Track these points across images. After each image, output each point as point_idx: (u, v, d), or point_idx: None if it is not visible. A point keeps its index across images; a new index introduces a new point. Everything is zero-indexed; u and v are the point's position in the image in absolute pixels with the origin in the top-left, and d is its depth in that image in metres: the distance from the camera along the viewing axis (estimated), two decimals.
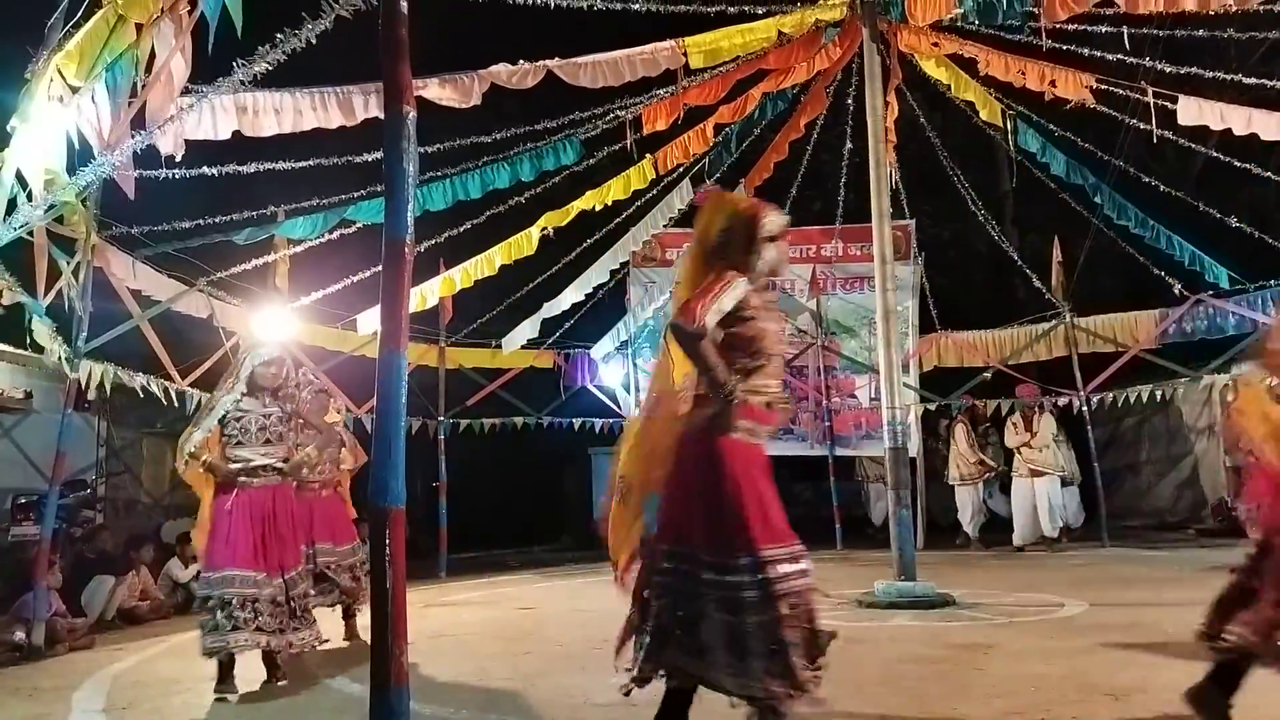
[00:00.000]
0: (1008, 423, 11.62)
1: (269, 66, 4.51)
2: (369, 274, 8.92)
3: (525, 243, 9.49)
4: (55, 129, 4.64)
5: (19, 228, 5.44)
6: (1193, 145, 9.03)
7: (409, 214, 2.69)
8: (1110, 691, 3.75)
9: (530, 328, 11.48)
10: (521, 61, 6.97)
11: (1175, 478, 13.47)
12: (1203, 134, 8.62)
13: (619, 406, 13.15)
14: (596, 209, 9.50)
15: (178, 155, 5.52)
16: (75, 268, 6.86)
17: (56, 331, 6.93)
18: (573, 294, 11.11)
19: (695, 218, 3.20)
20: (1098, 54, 7.88)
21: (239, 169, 6.58)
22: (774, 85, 8.80)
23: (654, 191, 10.02)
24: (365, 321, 10.24)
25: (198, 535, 5.17)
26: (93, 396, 9.11)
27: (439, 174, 8.11)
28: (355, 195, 8.14)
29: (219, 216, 7.90)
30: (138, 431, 10.74)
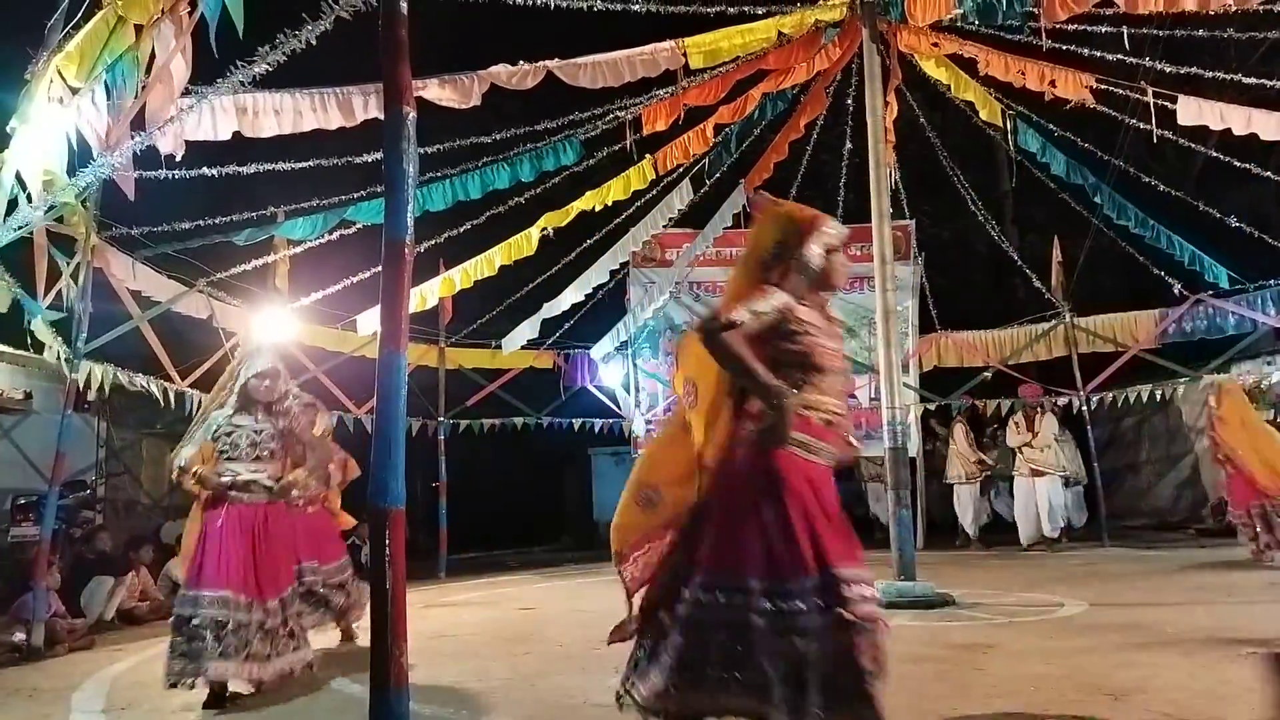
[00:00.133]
0: (1009, 422, 11.62)
1: (269, 67, 4.51)
2: (369, 274, 8.93)
3: (525, 243, 9.50)
4: (55, 130, 4.64)
5: (18, 228, 5.44)
6: (1192, 145, 9.03)
7: (409, 214, 2.69)
8: (1110, 691, 3.74)
9: (530, 328, 11.48)
10: (521, 62, 6.98)
11: (1175, 477, 13.47)
12: (1202, 134, 8.62)
13: (619, 407, 13.16)
14: (596, 209, 9.51)
15: (178, 155, 5.53)
16: (75, 268, 6.86)
17: (56, 332, 6.94)
18: (572, 294, 11.11)
19: (750, 227, 3.00)
20: (1097, 54, 7.88)
21: (239, 170, 6.58)
22: (774, 85, 8.80)
23: (654, 192, 10.02)
24: (365, 322, 10.25)
25: (187, 540, 4.88)
26: (92, 397, 9.12)
27: (439, 174, 8.12)
28: (355, 196, 8.15)
29: (219, 217, 7.90)
30: (137, 432, 10.75)
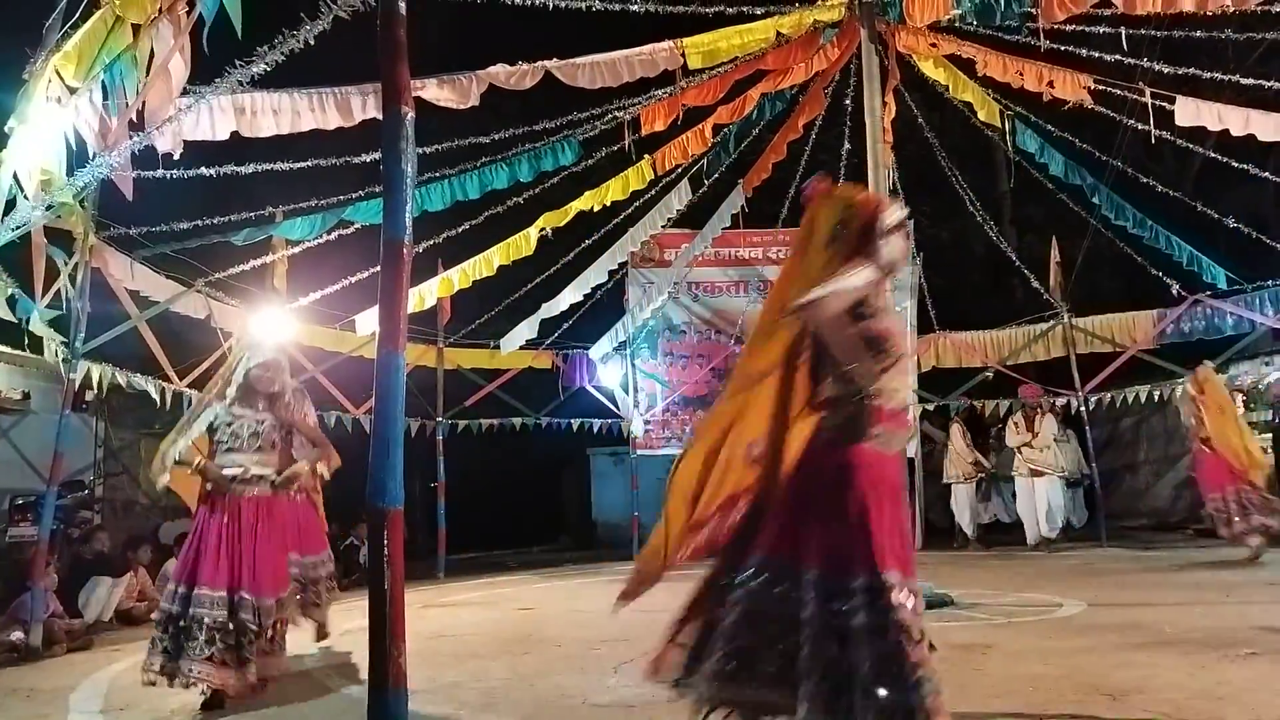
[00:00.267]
0: (1008, 422, 11.63)
1: (267, 67, 4.51)
2: (367, 274, 8.92)
3: (523, 243, 9.50)
4: (53, 130, 4.64)
5: (16, 228, 5.44)
6: (1190, 146, 9.04)
7: (407, 215, 2.69)
8: (1108, 691, 3.75)
9: (528, 328, 11.48)
10: (520, 62, 6.97)
11: (1173, 478, 13.47)
12: (1200, 134, 8.62)
13: (617, 407, 13.15)
14: (595, 210, 9.51)
15: (176, 154, 5.52)
16: (73, 268, 6.86)
17: (55, 331, 6.93)
18: (571, 295, 11.11)
19: (804, 212, 2.84)
20: (1095, 54, 7.88)
21: (237, 170, 6.58)
22: (772, 86, 8.79)
23: (652, 192, 10.02)
24: (364, 322, 10.24)
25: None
26: (90, 397, 9.11)
27: (437, 175, 8.11)
28: (353, 196, 8.14)
29: (217, 217, 7.89)
30: (135, 432, 10.73)
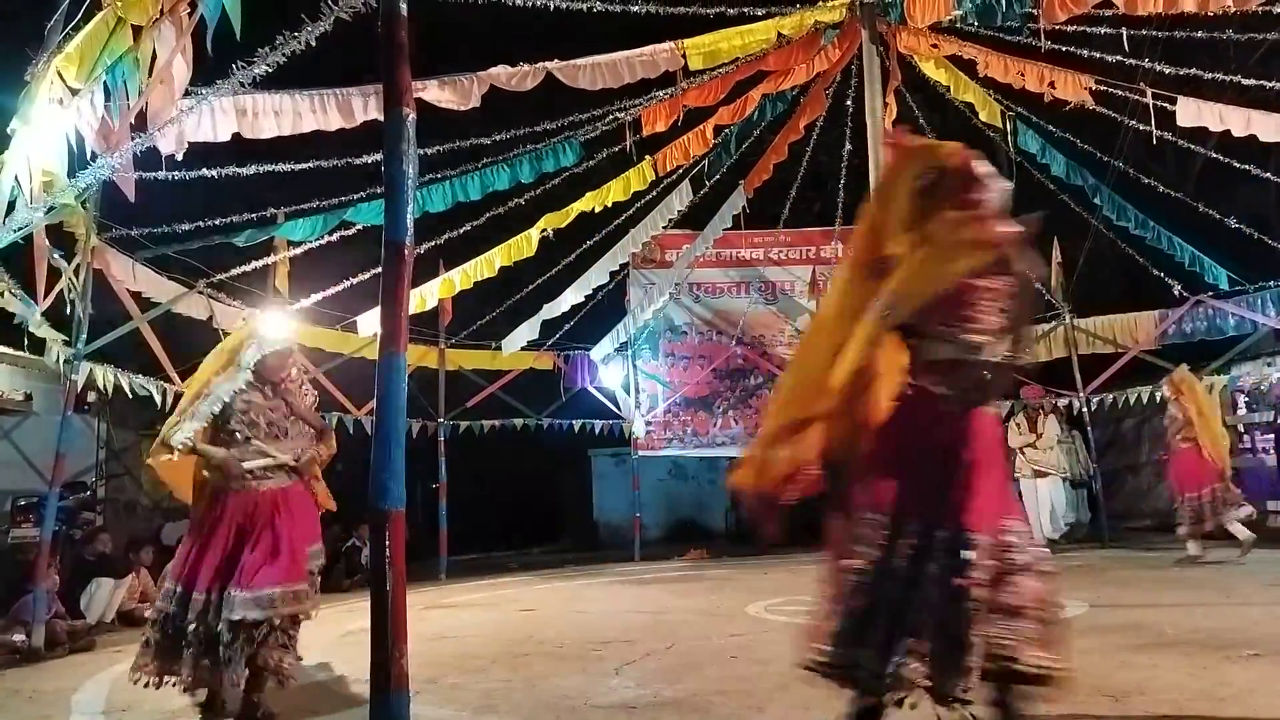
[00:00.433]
0: (1010, 423, 11.62)
1: (269, 69, 4.52)
2: (369, 276, 8.93)
3: (525, 244, 9.51)
4: (55, 131, 4.64)
5: (18, 230, 5.44)
6: (1192, 146, 9.03)
7: (409, 216, 2.70)
8: (1110, 692, 3.74)
9: (530, 329, 11.49)
10: (521, 63, 6.98)
11: None
12: (1202, 135, 8.62)
13: (618, 408, 13.15)
14: (596, 210, 9.51)
15: (179, 155, 5.53)
16: (75, 270, 6.86)
17: (57, 333, 6.94)
18: (572, 296, 11.11)
19: (886, 163, 2.77)
20: (1097, 55, 7.89)
21: (239, 171, 6.59)
22: (773, 87, 8.81)
23: (654, 193, 10.03)
24: (365, 323, 10.25)
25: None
26: (93, 399, 9.12)
27: (438, 176, 8.12)
28: (355, 197, 8.15)
29: (219, 218, 7.90)
30: (138, 433, 10.74)
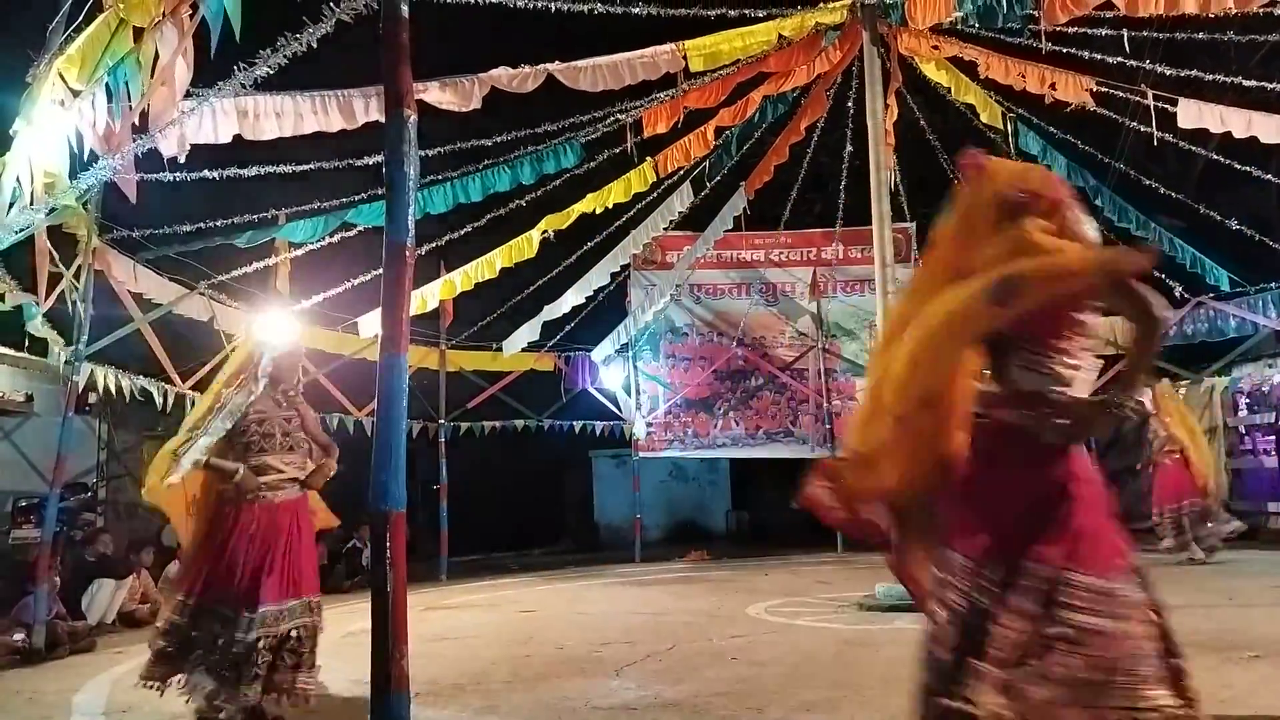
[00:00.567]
0: None
1: (270, 70, 4.52)
2: (370, 277, 8.94)
3: (526, 246, 9.51)
4: (57, 132, 4.65)
5: (20, 231, 5.45)
6: (1193, 148, 9.03)
7: (410, 217, 2.70)
8: None
9: (531, 330, 11.49)
10: (522, 65, 6.99)
11: None
12: (1203, 137, 8.62)
13: (619, 409, 13.15)
14: (597, 212, 9.52)
15: (181, 156, 5.54)
16: (76, 271, 6.87)
17: (58, 334, 6.94)
18: (573, 297, 11.12)
19: (963, 185, 2.66)
20: (1098, 57, 7.89)
21: (240, 172, 6.59)
22: (774, 88, 8.81)
23: (654, 194, 10.03)
24: (366, 324, 10.25)
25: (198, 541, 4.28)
26: (93, 400, 9.12)
27: (440, 177, 8.12)
28: (356, 198, 8.16)
29: (220, 220, 7.90)
30: (138, 435, 10.74)
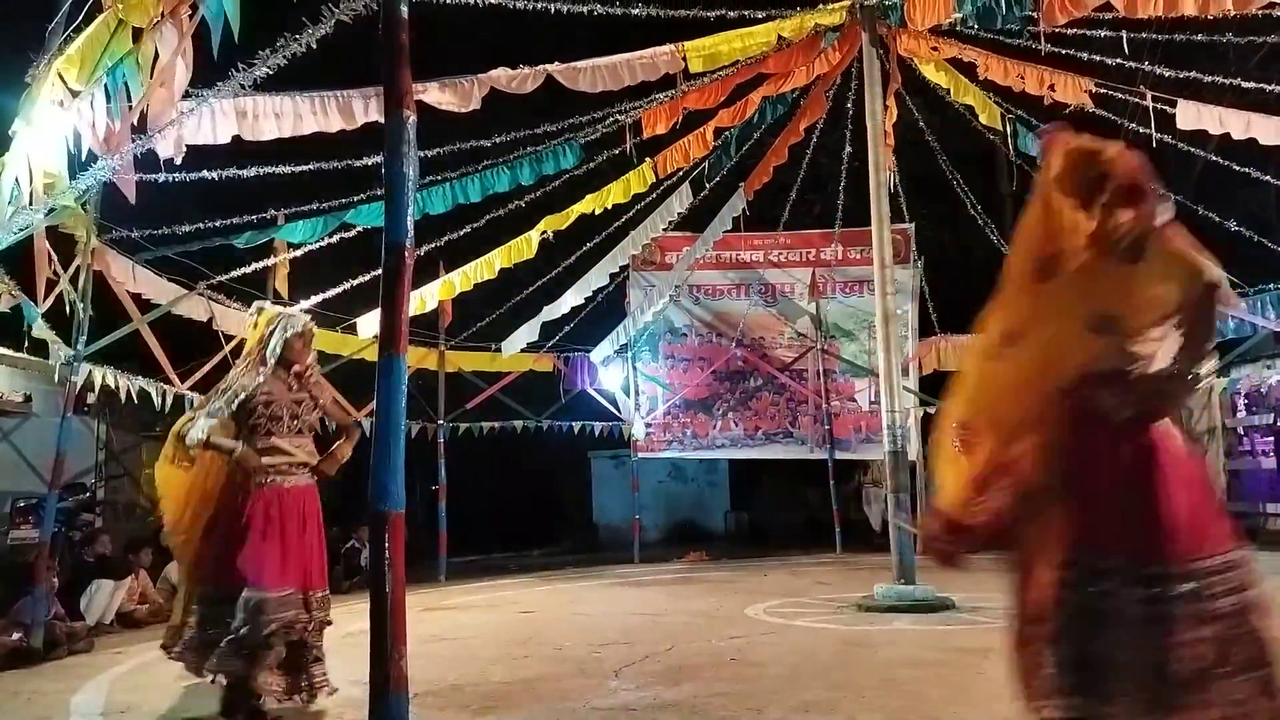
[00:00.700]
0: None
1: (269, 71, 4.52)
2: (369, 277, 8.93)
3: (525, 246, 9.51)
4: (56, 133, 4.65)
5: (19, 231, 5.44)
6: (1192, 149, 9.04)
7: (409, 218, 2.70)
8: None
9: (530, 331, 11.49)
10: (521, 66, 6.99)
11: None
12: (1202, 138, 8.63)
13: (618, 410, 13.16)
14: (596, 213, 9.51)
15: (177, 158, 5.54)
16: (75, 271, 6.86)
17: (57, 334, 6.93)
18: (572, 297, 11.12)
19: (1043, 160, 2.62)
20: (1097, 58, 7.90)
21: (239, 173, 6.59)
22: (773, 89, 8.82)
23: (654, 195, 10.03)
24: (365, 325, 10.24)
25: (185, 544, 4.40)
26: (92, 400, 9.11)
27: (439, 178, 8.12)
28: (355, 199, 8.15)
29: (219, 220, 7.90)
30: (137, 435, 10.74)
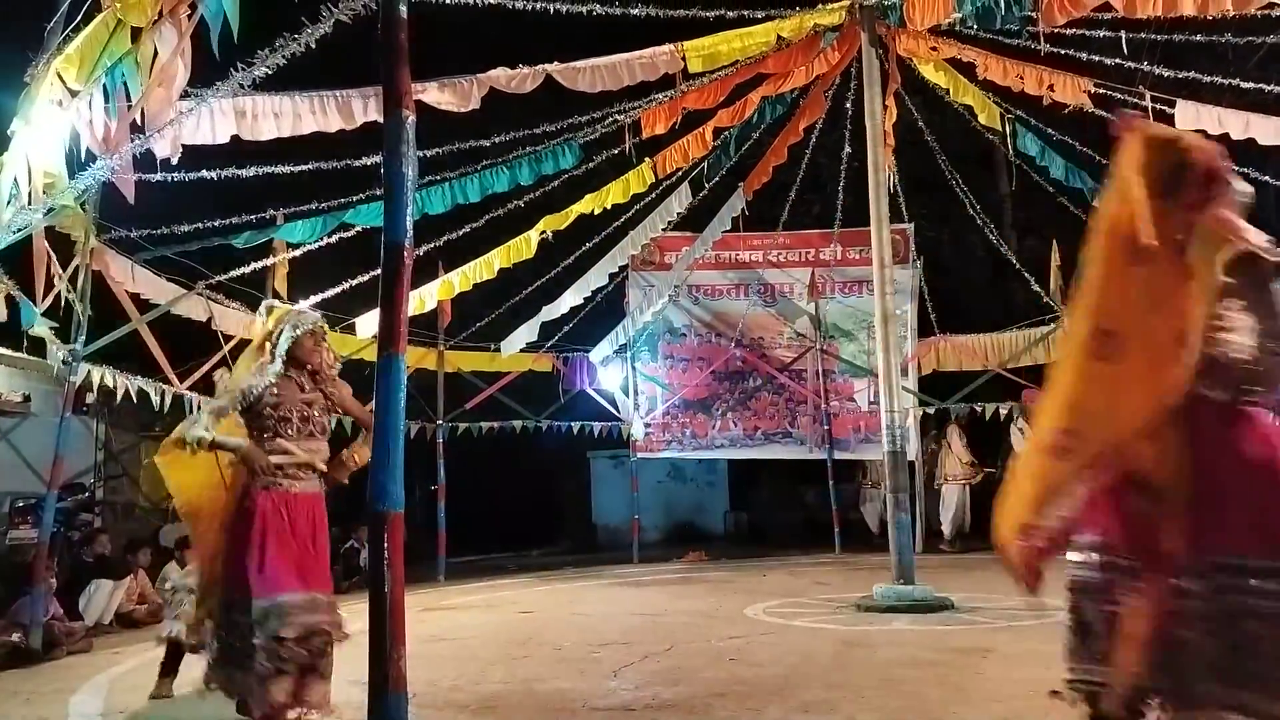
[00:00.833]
0: (1012, 427, 11.62)
1: (268, 71, 4.52)
2: (368, 277, 8.92)
3: (524, 246, 9.51)
4: (55, 132, 4.64)
5: (18, 231, 5.44)
6: None
7: (408, 218, 2.69)
8: None
9: (529, 331, 11.48)
10: (521, 66, 6.99)
11: None
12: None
13: (617, 410, 13.15)
14: (595, 213, 9.52)
15: (174, 158, 5.53)
16: (74, 271, 6.86)
17: (55, 334, 6.93)
18: (571, 297, 11.11)
19: (1119, 148, 2.54)
20: (1096, 58, 7.90)
21: (238, 173, 6.59)
22: (773, 89, 8.82)
23: (653, 195, 10.03)
24: (364, 325, 10.24)
25: (199, 540, 4.15)
26: (91, 400, 9.11)
27: (438, 178, 8.12)
28: (354, 199, 8.15)
29: (218, 220, 7.89)
30: (136, 435, 10.74)
